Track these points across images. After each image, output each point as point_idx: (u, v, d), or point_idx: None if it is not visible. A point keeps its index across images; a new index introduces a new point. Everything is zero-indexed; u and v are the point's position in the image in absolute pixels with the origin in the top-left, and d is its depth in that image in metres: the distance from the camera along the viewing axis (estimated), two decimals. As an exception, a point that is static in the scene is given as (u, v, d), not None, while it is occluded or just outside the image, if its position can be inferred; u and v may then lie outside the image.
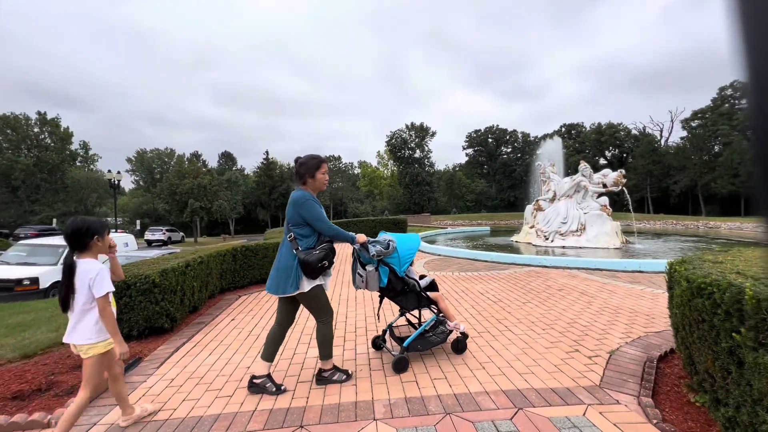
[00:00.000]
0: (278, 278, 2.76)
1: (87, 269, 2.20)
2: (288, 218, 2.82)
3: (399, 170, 66.65)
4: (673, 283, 2.66)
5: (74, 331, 2.20)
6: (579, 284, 6.05)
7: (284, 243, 2.82)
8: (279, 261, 2.80)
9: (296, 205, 2.75)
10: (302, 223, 2.77)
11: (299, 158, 2.91)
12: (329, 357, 2.92)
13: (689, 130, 53.69)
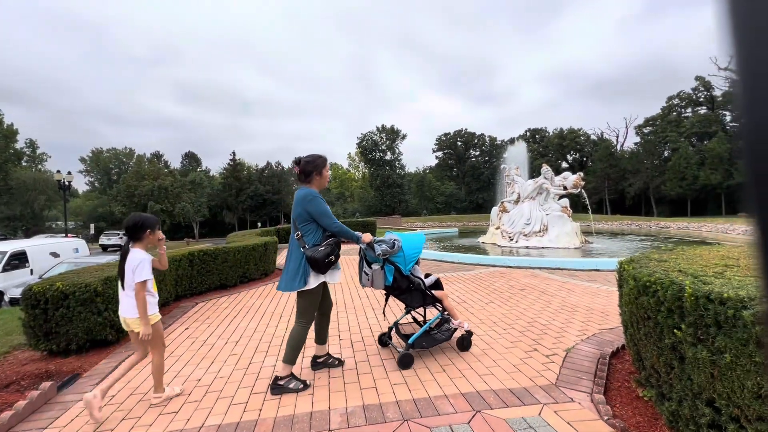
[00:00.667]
0: (287, 275, 2.83)
1: (134, 257, 2.61)
2: (294, 216, 2.87)
3: (370, 172, 66.68)
4: (622, 282, 2.74)
5: (126, 306, 2.63)
6: (540, 284, 6.21)
7: (292, 242, 2.89)
8: (289, 261, 2.87)
9: (304, 202, 2.82)
10: (309, 220, 2.84)
11: (303, 157, 2.97)
12: (292, 363, 2.86)
13: (642, 136, 57.20)
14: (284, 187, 70.56)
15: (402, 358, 3.11)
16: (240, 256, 6.84)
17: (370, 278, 3.10)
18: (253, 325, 4.53)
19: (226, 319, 4.80)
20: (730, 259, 2.57)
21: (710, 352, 1.80)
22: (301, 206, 2.83)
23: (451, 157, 78.34)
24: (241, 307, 5.37)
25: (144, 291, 2.59)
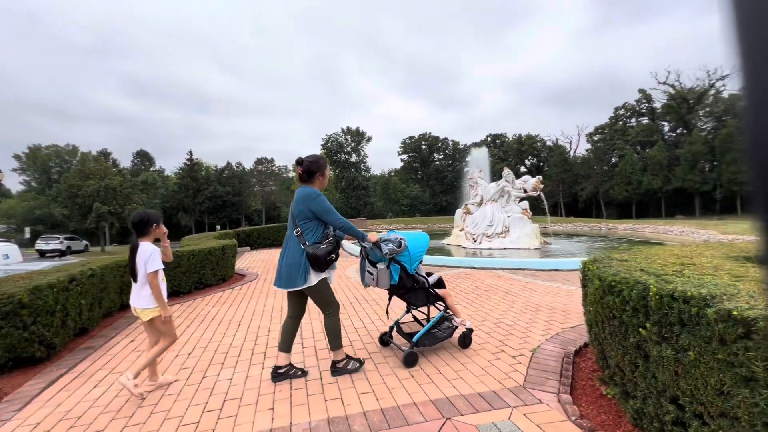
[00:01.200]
0: (288, 273, 2.85)
1: (143, 250, 2.78)
2: (295, 214, 2.91)
3: (335, 174, 66.04)
4: (586, 282, 2.78)
5: (137, 297, 2.81)
6: (504, 284, 6.32)
7: (290, 239, 2.92)
8: (287, 257, 2.88)
9: (307, 200, 2.87)
10: (311, 218, 2.88)
11: (306, 158, 3.00)
12: (340, 347, 3.01)
13: (592, 144, 60.95)
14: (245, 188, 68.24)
15: (407, 357, 3.13)
16: (195, 260, 6.41)
17: (375, 278, 3.11)
18: (208, 335, 4.21)
19: (177, 330, 4.43)
20: (684, 258, 2.67)
21: (674, 350, 1.82)
22: (303, 204, 2.88)
23: (415, 160, 79.37)
24: (195, 316, 5.00)
25: (157, 279, 2.79)
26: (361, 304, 5.25)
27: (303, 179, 3.01)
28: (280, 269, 2.93)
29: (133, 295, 2.85)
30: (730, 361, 1.58)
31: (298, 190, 2.96)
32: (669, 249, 3.16)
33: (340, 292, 6.02)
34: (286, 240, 2.97)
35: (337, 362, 3.01)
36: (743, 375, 1.54)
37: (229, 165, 69.99)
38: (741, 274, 2.05)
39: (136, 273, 2.80)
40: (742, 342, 1.53)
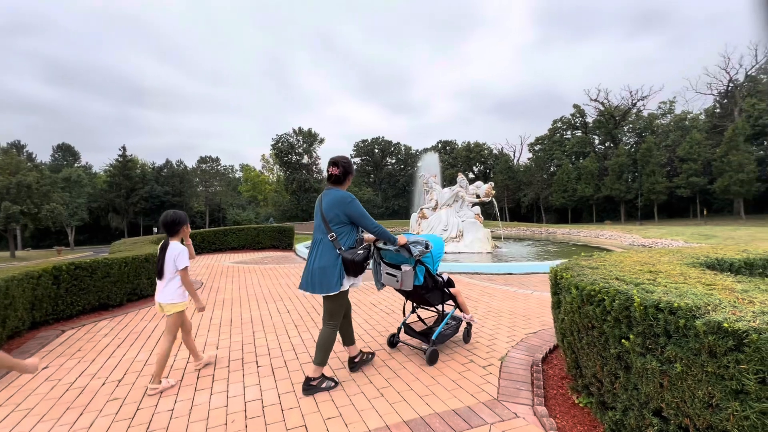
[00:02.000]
0: (321, 277, 2.79)
1: (173, 248, 2.95)
2: (329, 218, 2.84)
3: (286, 176, 64.13)
4: (559, 290, 2.75)
5: (162, 293, 2.96)
6: (463, 289, 6.33)
7: (322, 243, 2.85)
8: (319, 260, 2.81)
9: (342, 204, 2.83)
10: (346, 222, 2.85)
11: (339, 159, 2.94)
12: (323, 364, 2.89)
13: (534, 153, 65.23)
14: (188, 188, 63.95)
15: (431, 355, 3.28)
16: (128, 269, 5.67)
17: (399, 279, 3.08)
18: (143, 356, 3.67)
19: (105, 351, 3.82)
20: (648, 265, 2.73)
21: (660, 362, 1.79)
22: (339, 208, 2.83)
23: (368, 163, 79.57)
24: (128, 333, 4.38)
25: (188, 275, 2.99)
26: (318, 314, 4.94)
27: (336, 181, 2.93)
28: (310, 273, 2.84)
29: (159, 291, 3.00)
30: (720, 373, 1.56)
31: (331, 193, 2.89)
32: (629, 256, 3.26)
33: (298, 303, 5.65)
34: (315, 244, 2.89)
35: (312, 379, 2.83)
36: (733, 388, 1.52)
37: (168, 163, 65.24)
38: (710, 282, 2.10)
39: (163, 270, 2.94)
40: (732, 354, 1.51)
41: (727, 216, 43.27)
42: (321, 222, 2.88)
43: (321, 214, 2.88)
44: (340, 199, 2.83)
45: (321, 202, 2.91)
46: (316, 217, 2.93)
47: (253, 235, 12.78)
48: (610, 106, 56.72)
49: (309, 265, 2.88)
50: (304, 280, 2.88)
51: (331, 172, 2.91)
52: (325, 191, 2.96)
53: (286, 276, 7.87)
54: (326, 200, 2.87)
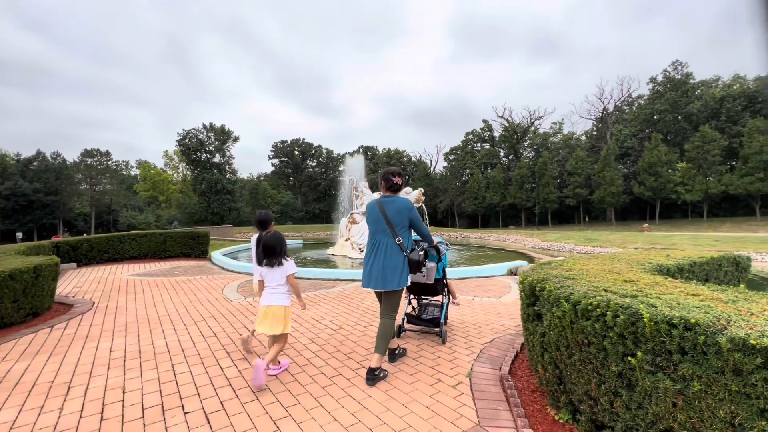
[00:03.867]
0: (387, 275, 3.12)
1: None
2: (395, 222, 3.19)
3: (194, 175, 58.26)
4: (540, 303, 2.63)
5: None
6: (406, 297, 6.12)
7: (389, 245, 3.18)
8: (387, 260, 3.14)
9: (408, 211, 3.23)
10: (407, 227, 3.26)
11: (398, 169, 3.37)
12: (385, 353, 3.15)
13: (448, 162, 69.54)
14: (66, 185, 54.17)
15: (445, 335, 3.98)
16: (-18, 290, 4.25)
17: (425, 273, 3.57)
18: (9, 414, 2.65)
19: None
20: (614, 273, 2.79)
21: (673, 381, 1.71)
22: (406, 215, 3.22)
23: (288, 165, 76.65)
24: (-18, 381, 3.19)
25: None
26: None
27: (396, 189, 3.34)
28: (374, 272, 3.16)
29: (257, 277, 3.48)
30: (745, 392, 1.51)
31: (395, 201, 3.25)
32: (586, 263, 3.34)
33: (226, 323, 4.84)
34: (378, 245, 3.22)
35: (376, 369, 3.06)
36: (760, 407, 1.48)
37: (40, 155, 54.73)
38: (694, 292, 2.13)
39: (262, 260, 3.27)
40: (760, 372, 1.46)
41: (602, 222, 51.19)
42: (386, 226, 3.22)
43: (386, 219, 3.22)
44: (406, 206, 3.24)
45: (383, 208, 3.24)
46: (378, 222, 3.26)
47: (158, 241, 11.02)
48: (513, 123, 63.31)
49: (376, 264, 3.17)
50: (372, 279, 3.19)
51: (396, 182, 3.31)
52: (383, 198, 3.30)
53: (206, 290, 6.83)
54: (392, 207, 3.22)
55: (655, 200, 44.45)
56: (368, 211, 3.39)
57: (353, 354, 3.69)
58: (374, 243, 3.26)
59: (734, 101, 45.00)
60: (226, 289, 6.83)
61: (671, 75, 52.45)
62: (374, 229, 3.30)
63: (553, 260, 3.73)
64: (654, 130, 48.97)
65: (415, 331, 4.33)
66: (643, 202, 47.88)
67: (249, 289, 6.89)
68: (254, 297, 6.09)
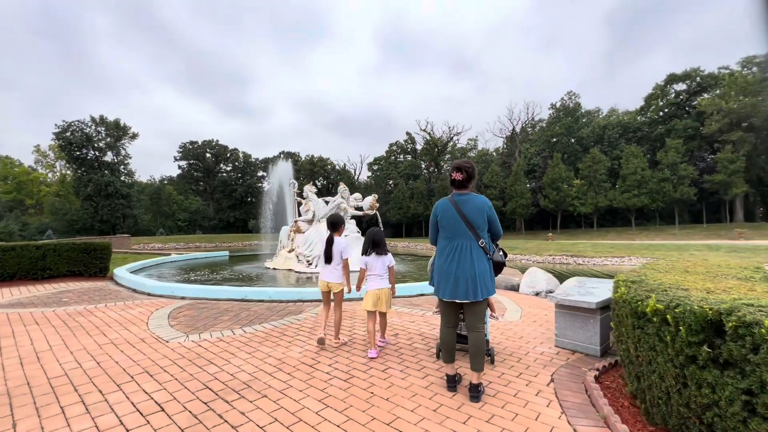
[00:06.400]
0: (482, 282, 2.84)
1: (339, 242, 4.08)
2: (477, 224, 2.89)
3: (76, 176, 48.89)
4: (661, 321, 1.84)
5: (331, 274, 4.03)
6: (402, 320, 5.04)
7: (472, 249, 2.87)
8: (474, 266, 2.84)
9: (489, 210, 2.93)
10: (485, 228, 2.94)
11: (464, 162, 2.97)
12: (483, 369, 2.91)
13: (372, 172, 69.92)
14: None
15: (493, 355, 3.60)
16: None
17: None
18: None
19: None
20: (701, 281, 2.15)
21: None
22: (487, 214, 2.92)
23: (197, 168, 69.31)
24: None
25: (349, 263, 4.08)
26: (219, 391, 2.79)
27: (461, 186, 2.97)
28: (461, 281, 2.84)
29: (327, 274, 4.04)
30: None
31: (472, 199, 2.93)
32: (657, 273, 2.73)
33: (163, 375, 3.20)
34: (461, 251, 2.88)
35: (479, 385, 2.87)
36: None
37: None
38: None
39: (332, 257, 4.00)
40: None
41: (512, 231, 55.93)
42: (466, 228, 2.89)
43: (465, 220, 2.89)
44: (484, 204, 2.92)
45: (459, 208, 2.90)
46: (455, 224, 2.92)
47: (34, 256, 8.11)
48: (435, 137, 66.33)
49: (462, 272, 2.84)
50: (459, 289, 2.84)
51: (454, 177, 2.95)
52: (456, 197, 2.96)
53: (121, 325, 4.86)
54: (469, 206, 2.90)
55: (557, 212, 50.03)
56: (440, 213, 3.00)
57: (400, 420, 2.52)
58: (454, 248, 2.91)
59: (613, 129, 53.43)
60: (152, 323, 4.94)
61: (567, 103, 60.41)
62: (451, 233, 2.95)
63: (641, 277, 3.05)
64: (554, 150, 55.55)
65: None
66: (547, 214, 53.62)
67: (189, 317, 5.10)
68: (222, 330, 4.41)
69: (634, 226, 45.74)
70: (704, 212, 45.38)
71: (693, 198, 40.65)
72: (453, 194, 3.01)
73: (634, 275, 3.18)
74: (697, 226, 43.38)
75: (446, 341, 3.05)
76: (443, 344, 3.06)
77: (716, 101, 41.06)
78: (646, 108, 52.93)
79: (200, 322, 5.00)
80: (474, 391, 2.85)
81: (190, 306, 5.97)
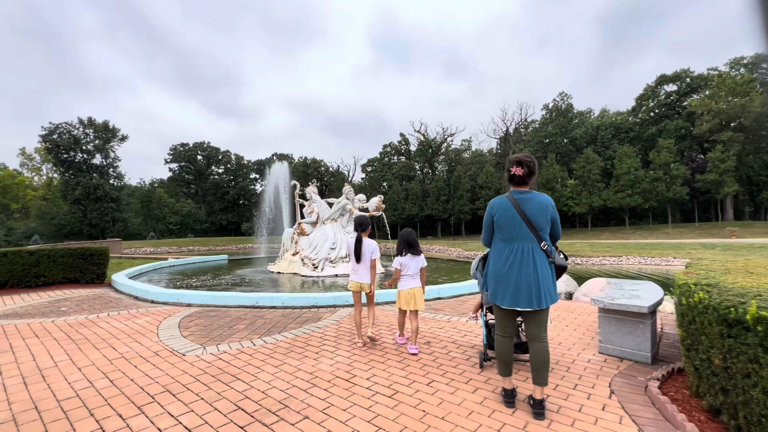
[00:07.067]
0: (546, 288, 2.60)
1: (369, 243, 4.17)
2: (539, 226, 2.63)
3: (64, 179, 47.73)
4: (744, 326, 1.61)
5: (361, 274, 4.13)
6: (423, 327, 4.78)
7: (535, 252, 2.63)
8: (537, 271, 2.60)
9: (552, 209, 2.68)
10: (548, 229, 2.69)
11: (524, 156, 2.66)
12: (547, 383, 2.66)
13: (366, 174, 69.56)
14: None
15: None
16: None
17: None
18: None
19: None
20: None
21: None
22: (551, 213, 2.67)
23: (189, 171, 68.30)
24: None
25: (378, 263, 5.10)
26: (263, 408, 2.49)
27: (521, 182, 2.66)
28: (524, 287, 2.57)
29: (359, 272, 4.14)
30: None
31: (535, 197, 2.63)
32: (721, 270, 2.51)
33: (188, 395, 2.90)
34: (522, 254, 2.62)
35: (543, 401, 2.63)
36: None
37: None
38: None
39: (361, 257, 4.11)
40: None
41: (507, 232, 56.12)
42: (527, 230, 2.62)
43: (526, 220, 2.60)
44: (549, 203, 2.66)
45: (520, 207, 2.62)
46: (515, 224, 2.62)
47: (28, 263, 7.67)
48: (429, 138, 66.29)
49: (525, 278, 2.58)
50: (521, 296, 2.58)
51: (514, 172, 2.65)
52: (517, 195, 2.66)
53: (128, 336, 4.51)
54: (532, 206, 2.61)
55: (550, 212, 50.44)
56: (497, 212, 2.70)
57: None
58: (513, 251, 2.65)
59: (606, 130, 53.93)
60: (162, 333, 4.60)
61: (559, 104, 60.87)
62: (510, 234, 2.67)
63: (710, 280, 2.83)
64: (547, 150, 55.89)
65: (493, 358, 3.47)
66: (540, 214, 54.03)
67: (201, 327, 4.76)
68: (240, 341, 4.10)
69: (627, 225, 46.13)
70: (696, 211, 46.02)
71: (685, 197, 41.15)
72: (512, 192, 2.73)
73: (699, 278, 2.97)
74: (689, 225, 43.92)
75: (504, 353, 2.79)
76: (500, 356, 2.80)
77: (706, 102, 41.67)
78: (637, 108, 53.55)
79: (214, 331, 4.67)
80: (538, 407, 2.61)
81: (199, 314, 5.63)
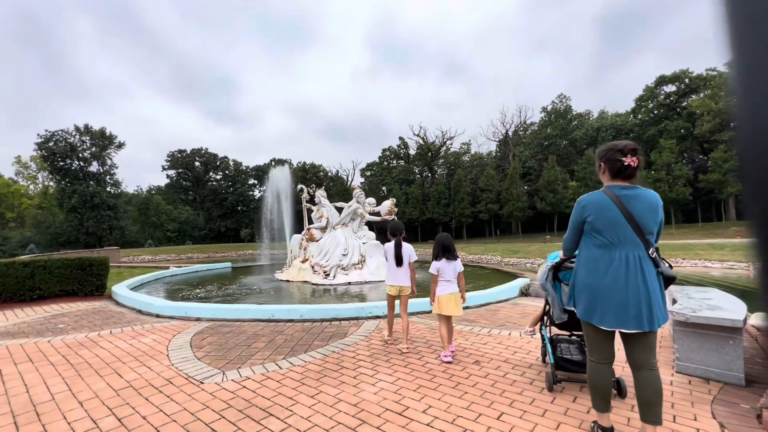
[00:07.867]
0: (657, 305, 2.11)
1: (407, 247, 4.36)
2: (648, 229, 2.17)
3: (60, 187, 47.02)
4: None
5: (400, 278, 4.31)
6: (460, 340, 4.29)
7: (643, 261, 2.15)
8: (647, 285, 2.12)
9: (660, 209, 2.21)
10: (656, 232, 2.23)
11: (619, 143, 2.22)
12: (661, 422, 2.20)
13: (366, 178, 69.18)
14: None
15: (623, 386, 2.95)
16: None
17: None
18: None
19: None
20: None
21: None
22: (657, 214, 2.18)
23: (186, 178, 67.65)
24: None
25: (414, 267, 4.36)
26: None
27: (631, 176, 2.21)
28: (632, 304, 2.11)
29: (398, 276, 4.30)
30: None
31: (644, 195, 2.17)
32: None
33: None
34: (627, 263, 2.15)
35: None
36: None
37: None
38: None
39: (402, 260, 4.28)
40: None
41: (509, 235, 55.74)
42: (634, 233, 2.17)
43: (633, 223, 2.16)
44: (658, 199, 2.21)
45: (625, 206, 2.15)
46: (619, 227, 2.17)
47: (22, 275, 7.12)
48: (428, 141, 66.03)
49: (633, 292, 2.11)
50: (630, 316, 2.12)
51: (628, 163, 2.16)
52: (621, 191, 2.19)
53: (135, 359, 3.98)
54: (640, 205, 2.16)
55: (553, 214, 49.96)
56: (593, 212, 2.23)
57: None
58: (614, 260, 2.18)
59: (606, 131, 53.86)
60: (173, 355, 4.08)
61: (558, 106, 60.78)
62: (611, 239, 2.21)
63: None
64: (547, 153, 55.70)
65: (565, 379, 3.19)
66: (542, 216, 53.56)
67: (214, 346, 4.25)
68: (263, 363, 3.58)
69: (630, 226, 45.87)
70: (699, 212, 45.80)
71: (688, 198, 40.91)
72: (611, 187, 2.24)
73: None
74: (692, 225, 43.67)
75: (602, 384, 2.32)
76: (597, 388, 2.32)
77: (706, 102, 41.60)
78: (637, 110, 53.49)
79: (231, 351, 4.16)
80: None
81: (210, 330, 5.11)
